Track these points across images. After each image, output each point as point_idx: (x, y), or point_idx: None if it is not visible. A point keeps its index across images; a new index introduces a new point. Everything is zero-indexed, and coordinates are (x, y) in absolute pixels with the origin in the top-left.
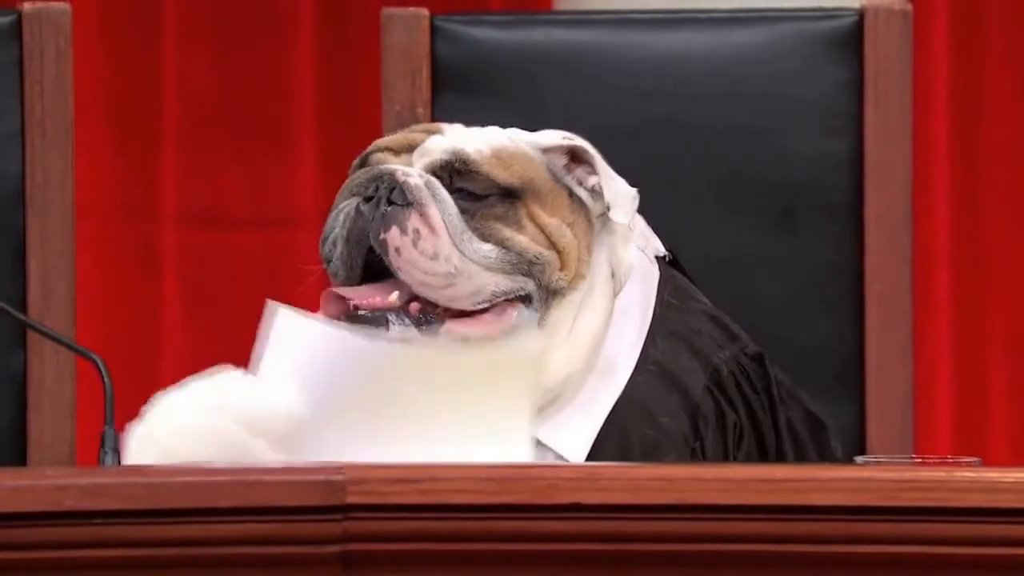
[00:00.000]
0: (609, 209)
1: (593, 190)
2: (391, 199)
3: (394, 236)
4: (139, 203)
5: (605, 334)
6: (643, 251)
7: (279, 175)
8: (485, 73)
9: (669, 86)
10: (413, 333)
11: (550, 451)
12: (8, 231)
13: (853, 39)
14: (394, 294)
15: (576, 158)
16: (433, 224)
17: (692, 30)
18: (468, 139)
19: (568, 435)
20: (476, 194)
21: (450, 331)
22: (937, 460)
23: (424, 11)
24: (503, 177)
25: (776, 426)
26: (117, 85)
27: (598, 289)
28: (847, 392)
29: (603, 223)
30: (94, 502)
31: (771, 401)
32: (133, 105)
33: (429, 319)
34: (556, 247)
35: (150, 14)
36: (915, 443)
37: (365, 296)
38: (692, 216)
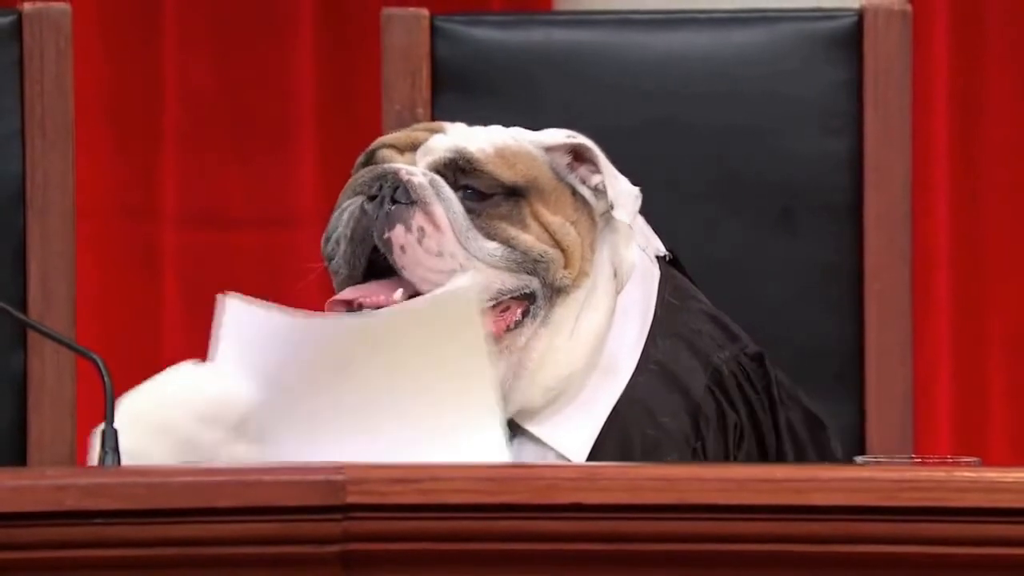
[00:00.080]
0: (612, 208)
1: (596, 189)
2: (395, 198)
3: (399, 234)
4: (139, 203)
5: (607, 333)
6: (644, 251)
7: (279, 175)
8: (485, 73)
9: (669, 86)
10: None
11: (551, 450)
12: (8, 231)
13: (853, 39)
14: (399, 291)
15: (579, 157)
16: (438, 222)
17: (692, 30)
18: (471, 138)
19: (569, 434)
20: (481, 192)
21: None
22: (937, 460)
23: (424, 11)
24: (507, 176)
25: (776, 426)
26: (117, 85)
27: (601, 288)
28: (847, 392)
29: (606, 222)
30: (94, 502)
31: (771, 401)
32: (133, 105)
33: None
34: (560, 245)
35: (150, 14)
36: (915, 443)
37: (369, 294)
38: (692, 216)
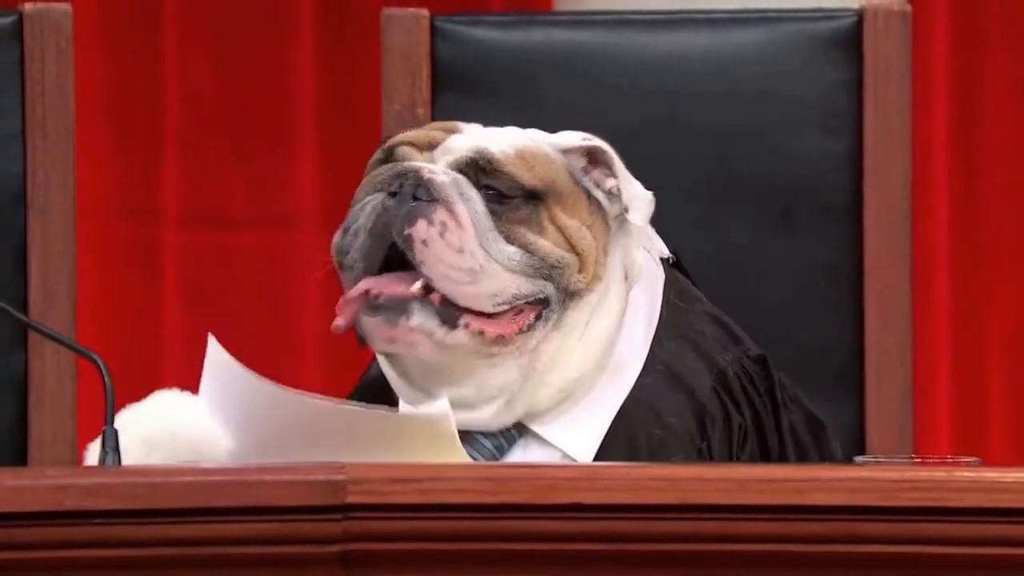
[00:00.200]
0: (626, 211)
1: (610, 192)
2: (416, 195)
3: (420, 229)
4: (139, 203)
5: (618, 335)
6: (648, 252)
7: (279, 175)
8: (485, 73)
9: (669, 86)
10: (434, 324)
11: (557, 450)
12: (9, 231)
13: (852, 39)
14: (417, 283)
15: (594, 159)
16: (460, 219)
17: (692, 30)
18: (491, 139)
19: (576, 435)
20: (502, 193)
21: (469, 325)
22: (937, 460)
23: (424, 11)
24: (527, 179)
25: (779, 428)
26: (118, 85)
27: (613, 291)
28: (847, 392)
29: (619, 225)
30: (94, 502)
31: (774, 403)
32: (133, 105)
33: (450, 311)
34: (576, 249)
35: (150, 14)
36: (915, 443)
37: (387, 285)
38: (692, 216)
